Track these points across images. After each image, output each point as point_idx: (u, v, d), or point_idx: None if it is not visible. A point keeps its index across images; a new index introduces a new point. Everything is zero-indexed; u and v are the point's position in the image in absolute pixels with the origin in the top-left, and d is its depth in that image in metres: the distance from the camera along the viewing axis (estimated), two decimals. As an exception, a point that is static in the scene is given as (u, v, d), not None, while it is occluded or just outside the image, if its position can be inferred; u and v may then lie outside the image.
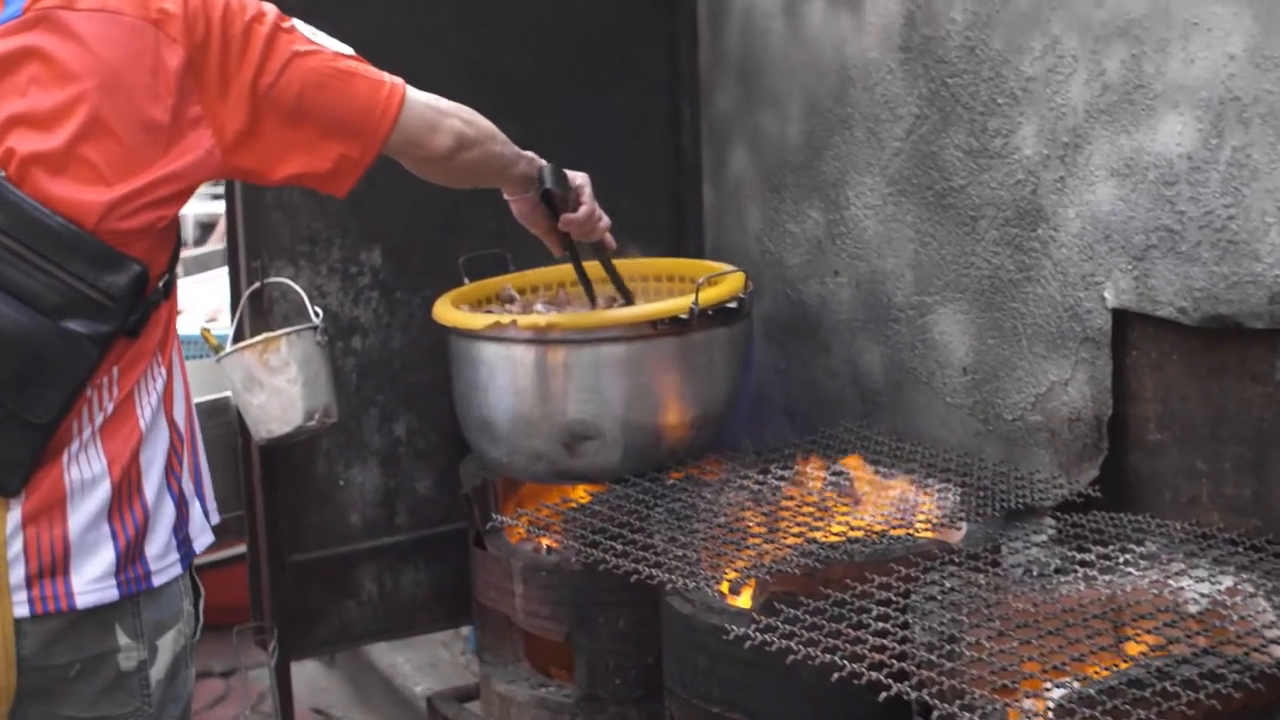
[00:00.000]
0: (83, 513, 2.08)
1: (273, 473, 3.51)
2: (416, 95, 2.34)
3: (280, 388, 3.23)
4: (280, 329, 3.40)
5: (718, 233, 3.96)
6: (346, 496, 3.65)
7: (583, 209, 2.90)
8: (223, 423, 3.48)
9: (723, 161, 3.91)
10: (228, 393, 3.42)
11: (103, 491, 2.09)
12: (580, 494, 3.38)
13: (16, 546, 2.04)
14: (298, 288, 3.39)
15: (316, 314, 3.31)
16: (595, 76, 3.84)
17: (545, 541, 3.32)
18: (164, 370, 2.20)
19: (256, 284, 3.42)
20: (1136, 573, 2.60)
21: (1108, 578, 2.58)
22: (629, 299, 3.36)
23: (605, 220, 2.97)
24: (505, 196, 2.86)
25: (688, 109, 3.95)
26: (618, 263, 3.33)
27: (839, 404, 3.61)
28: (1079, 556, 2.65)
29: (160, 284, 2.15)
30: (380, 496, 3.70)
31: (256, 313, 3.47)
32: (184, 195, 2.13)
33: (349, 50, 2.27)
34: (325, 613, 3.66)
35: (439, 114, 2.41)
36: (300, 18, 2.18)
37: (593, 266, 3.29)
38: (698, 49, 3.94)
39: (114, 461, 2.11)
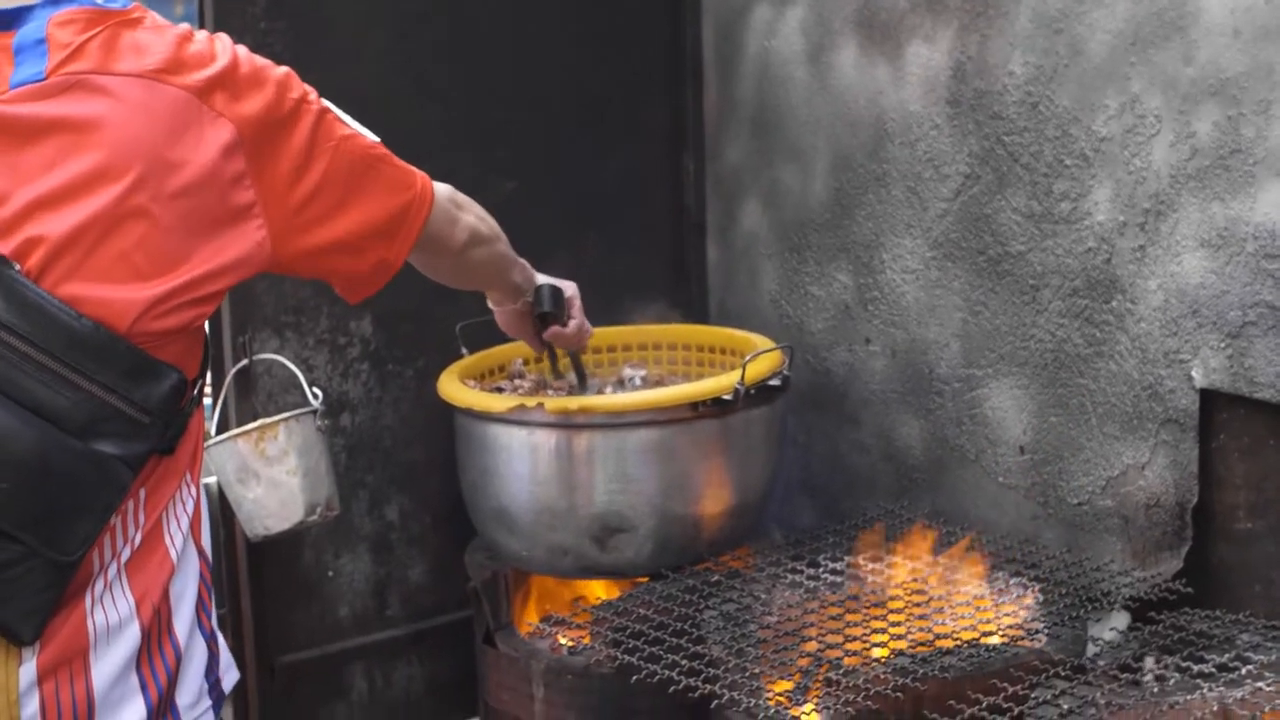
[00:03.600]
0: (108, 662, 1.76)
1: (259, 567, 3.19)
2: (440, 188, 2.10)
3: (278, 480, 2.91)
4: (268, 410, 3.10)
5: (725, 294, 3.70)
6: (335, 588, 3.34)
7: (573, 323, 2.76)
8: (204, 512, 3.14)
9: (732, 218, 3.65)
10: (211, 478, 3.08)
11: (131, 636, 1.77)
12: (601, 590, 3.12)
13: (31, 707, 1.70)
14: (292, 366, 3.07)
15: (315, 395, 3.00)
16: (594, 129, 3.58)
17: (564, 640, 3.05)
18: (194, 490, 1.89)
19: (244, 361, 3.09)
20: (1266, 687, 2.38)
21: (1237, 693, 2.35)
22: (583, 384, 3.15)
23: (590, 330, 2.84)
24: (491, 305, 2.72)
25: (691, 162, 3.69)
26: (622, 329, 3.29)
27: (869, 480, 3.36)
28: (1195, 668, 2.43)
29: (195, 392, 1.84)
30: (371, 587, 3.39)
31: (240, 391, 3.14)
32: (224, 292, 1.82)
33: (372, 135, 1.98)
34: (313, 717, 3.34)
35: (457, 207, 2.19)
36: (293, 69, 1.86)
37: None
38: (703, 98, 3.67)
39: (143, 600, 1.79)
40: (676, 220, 3.73)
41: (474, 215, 2.24)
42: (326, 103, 1.90)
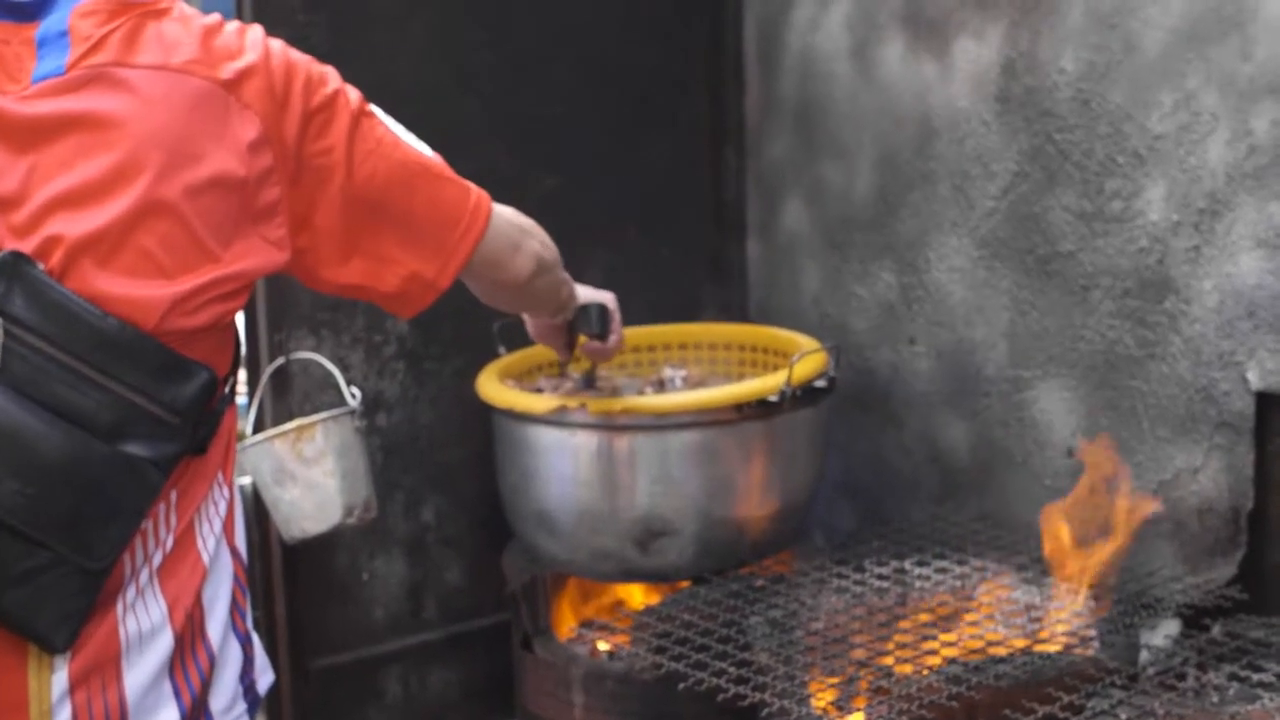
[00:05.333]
0: (140, 670, 1.70)
1: (293, 569, 3.15)
2: (501, 210, 1.99)
3: (316, 481, 2.86)
4: (304, 410, 3.06)
5: (766, 292, 3.65)
6: (370, 591, 3.29)
7: (613, 338, 2.62)
8: (238, 513, 3.10)
9: (774, 215, 3.60)
10: (245, 479, 3.04)
11: (164, 643, 1.72)
12: (641, 594, 3.08)
13: (63, 716, 1.66)
14: (331, 366, 3.03)
15: (354, 395, 2.95)
16: (634, 124, 3.52)
17: (603, 646, 3.01)
18: (226, 490, 1.84)
19: (280, 360, 3.05)
20: (1328, 698, 2.33)
21: (1299, 705, 2.30)
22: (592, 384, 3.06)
23: (622, 343, 2.70)
24: (526, 315, 2.52)
25: (733, 157, 3.64)
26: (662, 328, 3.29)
27: (913, 483, 3.31)
28: (1254, 677, 2.38)
29: (226, 389, 1.79)
30: (406, 590, 3.35)
31: (276, 391, 3.10)
32: (250, 287, 1.77)
33: (429, 150, 1.91)
34: (344, 720, 3.31)
35: (522, 232, 2.06)
36: (333, 62, 1.80)
37: None
38: (744, 93, 3.62)
39: (175, 605, 1.73)
40: (717, 217, 3.67)
41: (538, 241, 2.12)
42: (376, 110, 1.84)
